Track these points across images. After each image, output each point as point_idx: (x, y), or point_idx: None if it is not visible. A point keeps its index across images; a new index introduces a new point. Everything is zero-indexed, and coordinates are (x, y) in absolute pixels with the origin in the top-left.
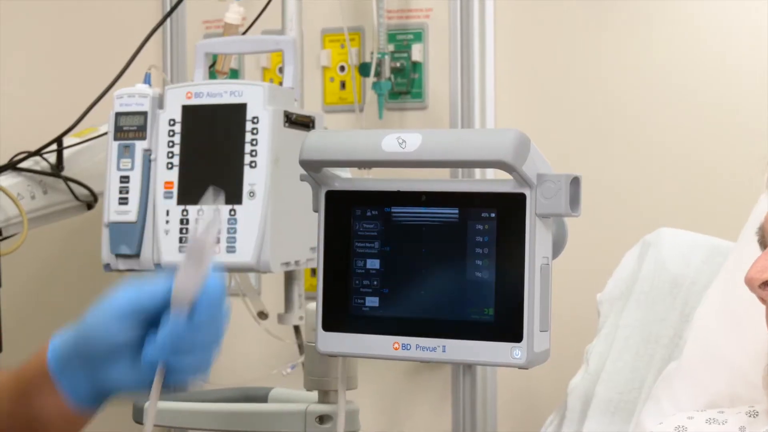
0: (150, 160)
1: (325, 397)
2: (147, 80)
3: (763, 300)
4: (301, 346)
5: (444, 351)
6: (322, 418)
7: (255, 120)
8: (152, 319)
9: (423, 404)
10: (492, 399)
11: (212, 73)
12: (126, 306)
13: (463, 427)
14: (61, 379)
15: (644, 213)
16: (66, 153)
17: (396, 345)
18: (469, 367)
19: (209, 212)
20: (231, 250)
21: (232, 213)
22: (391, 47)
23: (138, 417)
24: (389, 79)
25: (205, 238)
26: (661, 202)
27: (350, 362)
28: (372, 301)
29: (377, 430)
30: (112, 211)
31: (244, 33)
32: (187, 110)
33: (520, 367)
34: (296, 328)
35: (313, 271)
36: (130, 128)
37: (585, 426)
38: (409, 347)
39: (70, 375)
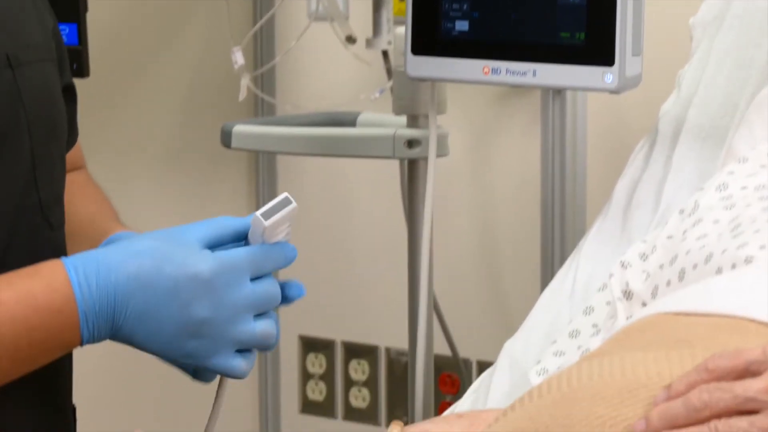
0: None
1: (413, 121)
2: None
3: None
4: (389, 71)
5: (534, 75)
6: (411, 143)
7: None
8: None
9: (512, 130)
10: (582, 125)
11: None
12: (207, 240)
13: (552, 154)
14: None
15: None
16: None
17: (486, 69)
18: (558, 93)
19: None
20: None
21: None
22: None
23: (226, 140)
24: None
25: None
26: None
27: (439, 87)
28: (462, 25)
29: (465, 155)
30: None
31: None
32: None
33: (611, 92)
34: (384, 53)
35: None
36: None
37: (676, 151)
38: (498, 71)
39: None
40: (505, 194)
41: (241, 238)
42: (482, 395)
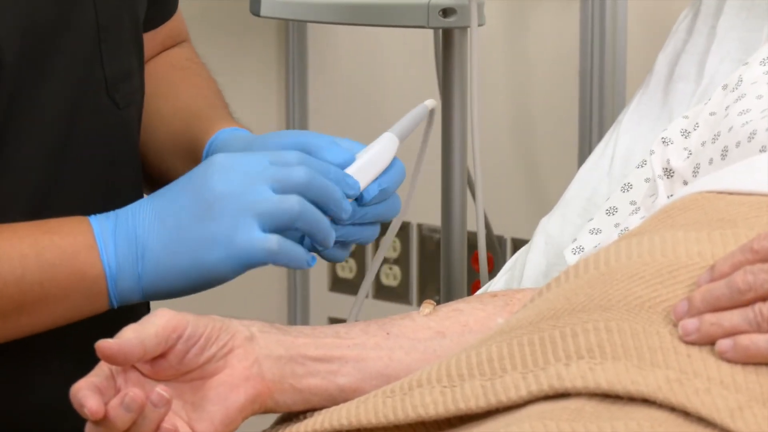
0: None
1: None
2: None
3: None
4: None
5: None
6: (446, 11)
7: None
8: None
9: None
10: None
11: None
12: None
13: (592, 23)
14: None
15: None
16: None
17: None
18: None
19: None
20: None
21: None
22: None
23: (255, 8)
24: None
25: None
26: None
27: None
28: None
29: (501, 25)
30: None
31: None
32: None
33: None
34: None
35: None
36: None
37: (720, 22)
38: None
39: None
40: (542, 66)
41: None
42: (517, 274)
